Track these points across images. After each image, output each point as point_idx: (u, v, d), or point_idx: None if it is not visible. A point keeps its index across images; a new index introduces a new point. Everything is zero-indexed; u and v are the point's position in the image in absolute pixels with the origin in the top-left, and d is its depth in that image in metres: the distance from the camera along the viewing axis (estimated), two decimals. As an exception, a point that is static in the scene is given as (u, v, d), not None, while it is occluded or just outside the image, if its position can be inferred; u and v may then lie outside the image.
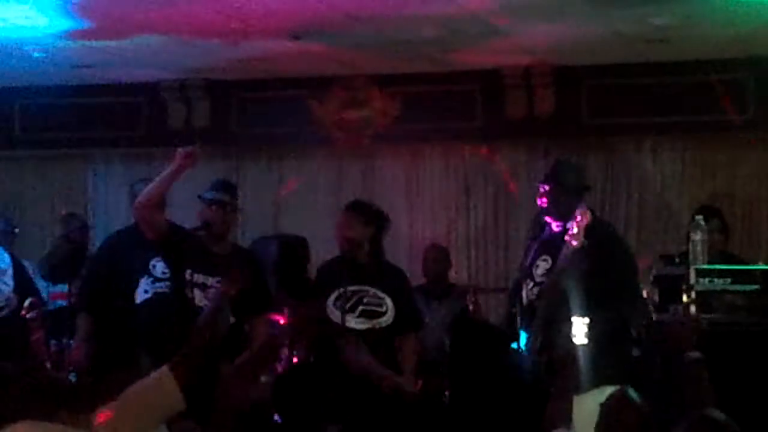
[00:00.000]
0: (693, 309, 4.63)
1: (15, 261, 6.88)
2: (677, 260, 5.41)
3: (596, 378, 4.25)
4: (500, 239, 8.29)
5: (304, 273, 6.66)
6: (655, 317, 4.96)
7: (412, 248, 8.13)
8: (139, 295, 5.84)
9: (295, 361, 6.26)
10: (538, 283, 5.12)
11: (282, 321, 6.74)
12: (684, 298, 4.73)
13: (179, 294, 5.35)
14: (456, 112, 8.42)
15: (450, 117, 8.42)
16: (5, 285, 6.60)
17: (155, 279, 5.81)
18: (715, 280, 4.71)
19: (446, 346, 6.68)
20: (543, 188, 5.19)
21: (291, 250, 7.16)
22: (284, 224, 8.61)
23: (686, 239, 5.72)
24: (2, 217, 7.91)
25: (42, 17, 6.60)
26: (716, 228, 5.86)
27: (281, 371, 6.14)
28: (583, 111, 8.22)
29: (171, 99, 8.89)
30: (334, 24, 6.80)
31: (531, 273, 5.14)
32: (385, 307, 5.50)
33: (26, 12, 6.47)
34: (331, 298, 5.47)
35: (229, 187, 5.66)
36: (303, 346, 6.14)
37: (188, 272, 5.33)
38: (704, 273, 4.76)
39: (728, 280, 4.74)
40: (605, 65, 7.98)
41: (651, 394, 3.58)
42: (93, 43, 7.35)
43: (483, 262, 8.37)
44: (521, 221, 7.77)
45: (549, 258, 5.11)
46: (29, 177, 9.38)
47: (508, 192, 8.35)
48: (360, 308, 5.46)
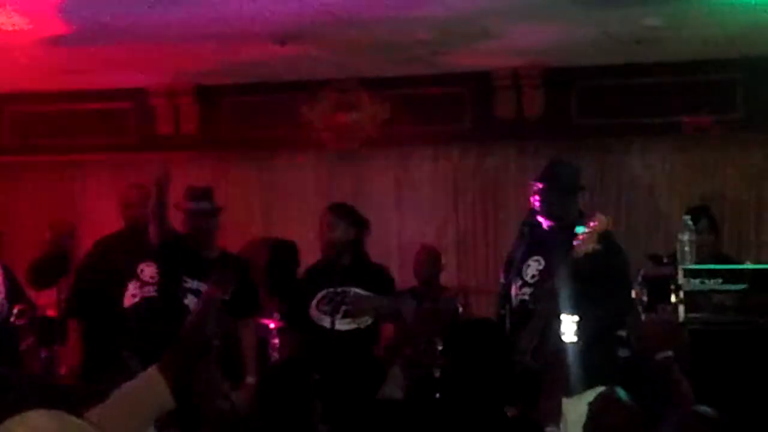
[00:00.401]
0: (681, 309, 4.62)
1: (5, 267, 6.85)
2: (665, 260, 5.41)
3: (588, 378, 4.24)
4: (490, 241, 8.28)
5: (294, 277, 6.65)
6: (644, 317, 4.96)
7: (402, 250, 8.12)
8: (127, 300, 5.83)
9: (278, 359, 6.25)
10: (529, 284, 5.10)
11: (272, 325, 6.73)
12: (672, 299, 4.72)
13: (173, 299, 5.35)
14: (445, 114, 8.42)
15: (439, 119, 8.42)
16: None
17: (143, 283, 5.82)
18: (704, 281, 4.71)
19: (438, 349, 6.66)
20: (536, 187, 5.18)
21: (281, 255, 7.15)
22: (274, 228, 8.59)
23: (676, 240, 5.74)
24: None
25: (28, 23, 6.58)
26: (705, 228, 5.85)
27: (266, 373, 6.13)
28: (573, 112, 8.22)
29: (159, 104, 8.87)
30: (324, 27, 6.79)
31: (521, 273, 5.13)
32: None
33: (12, 18, 6.45)
34: (314, 301, 5.47)
35: (206, 193, 5.67)
36: (288, 349, 6.13)
37: (183, 278, 5.34)
38: (692, 273, 4.75)
39: (717, 280, 4.73)
40: (595, 66, 7.98)
41: (640, 394, 3.57)
42: (80, 49, 7.32)
43: (473, 264, 8.36)
44: (511, 223, 7.76)
45: (541, 258, 5.10)
46: (18, 183, 9.35)
47: (498, 194, 8.35)
48: (343, 308, 5.46)
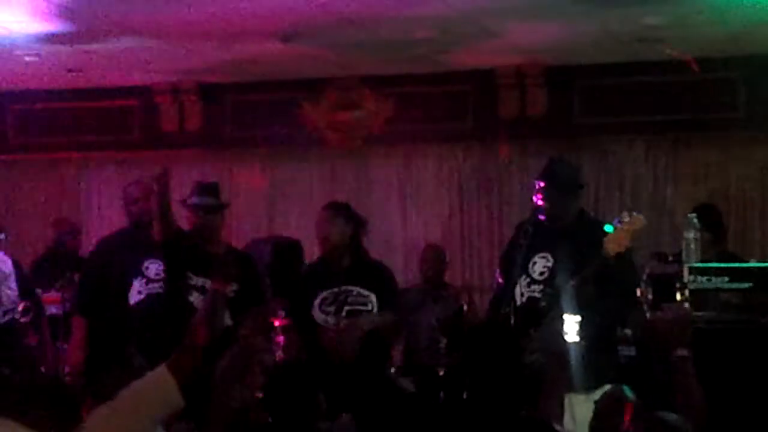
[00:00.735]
0: (687, 307, 4.63)
1: (15, 264, 6.88)
2: (671, 259, 5.41)
3: (590, 378, 4.25)
4: (494, 239, 8.30)
5: (298, 275, 6.66)
6: (649, 316, 4.96)
7: (406, 248, 8.14)
8: (133, 297, 5.84)
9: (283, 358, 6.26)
10: (537, 281, 5.10)
11: (277, 323, 6.74)
12: (678, 297, 4.73)
13: (177, 296, 5.36)
14: (448, 113, 8.43)
15: (442, 117, 8.44)
16: (10, 290, 6.59)
17: (149, 280, 5.82)
18: (709, 279, 4.71)
19: (441, 347, 6.67)
20: (538, 186, 5.19)
21: (284, 253, 7.16)
22: (277, 226, 8.61)
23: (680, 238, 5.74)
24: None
25: (32, 20, 6.59)
26: (710, 227, 5.86)
27: (273, 371, 6.14)
28: (576, 110, 8.24)
29: (163, 102, 8.89)
30: (327, 26, 6.80)
31: (527, 270, 5.13)
32: (371, 305, 5.51)
33: (17, 16, 6.47)
34: (317, 301, 5.48)
35: (212, 189, 5.67)
36: (294, 346, 6.14)
37: (188, 275, 5.35)
38: (698, 271, 4.76)
39: (722, 278, 4.74)
40: (597, 65, 8.00)
41: (647, 393, 3.58)
42: (84, 47, 7.34)
43: (476, 262, 8.37)
44: (514, 221, 7.76)
45: (549, 255, 5.10)
46: (22, 181, 9.37)
47: (501, 192, 8.37)
48: (346, 308, 5.47)
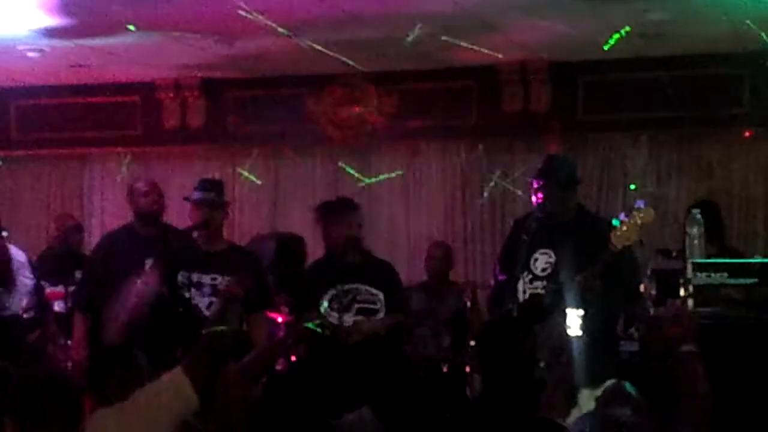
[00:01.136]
0: (690, 303, 4.62)
1: (30, 261, 6.90)
2: (674, 254, 5.41)
3: (593, 372, 4.24)
4: (497, 235, 8.27)
5: (302, 271, 6.65)
6: (653, 312, 4.96)
7: (410, 245, 8.13)
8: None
9: (294, 359, 6.25)
10: (540, 277, 5.10)
11: (280, 319, 6.74)
12: (681, 293, 4.72)
13: (172, 295, 5.38)
14: (452, 109, 8.42)
15: (446, 114, 8.42)
16: (27, 278, 6.62)
17: (151, 277, 5.82)
18: (713, 274, 4.70)
19: (445, 344, 6.68)
20: (537, 183, 5.18)
21: (288, 249, 7.16)
22: (281, 223, 8.61)
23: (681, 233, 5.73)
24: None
25: (35, 16, 6.59)
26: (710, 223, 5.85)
27: (280, 369, 6.14)
28: (579, 106, 8.22)
29: (166, 98, 8.88)
30: (330, 21, 6.79)
31: (529, 266, 5.13)
32: (379, 304, 5.52)
33: (19, 11, 6.46)
34: (325, 299, 5.47)
35: (215, 185, 5.69)
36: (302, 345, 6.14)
37: (181, 273, 5.35)
38: (701, 267, 4.75)
39: (725, 274, 4.72)
40: (601, 61, 7.97)
41: (649, 389, 3.57)
42: (87, 42, 7.33)
43: (480, 259, 8.36)
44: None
45: (551, 251, 5.10)
46: (25, 177, 9.37)
47: (505, 188, 8.35)
48: (356, 306, 5.47)
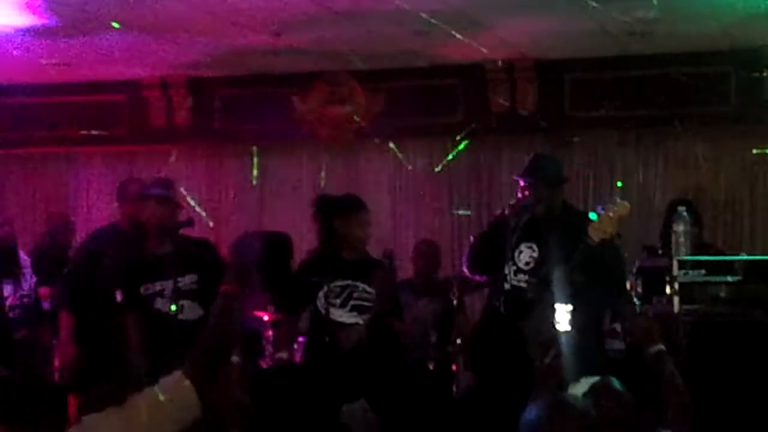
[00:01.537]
0: (676, 300, 4.64)
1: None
2: (660, 252, 5.42)
3: (580, 368, 4.25)
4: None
5: (288, 270, 6.64)
6: (639, 309, 4.97)
7: (396, 243, 8.12)
8: (119, 295, 5.82)
9: (284, 359, 6.25)
10: (524, 271, 5.12)
11: (266, 318, 6.73)
12: (667, 290, 4.74)
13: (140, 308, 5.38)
14: (439, 107, 8.41)
15: (433, 112, 8.42)
16: (31, 276, 6.65)
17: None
18: (698, 271, 4.71)
19: (431, 342, 6.67)
20: (523, 182, 5.20)
21: (275, 247, 7.11)
22: (268, 221, 8.59)
23: (662, 231, 5.75)
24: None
25: (19, 14, 6.56)
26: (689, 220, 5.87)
27: (264, 367, 6.14)
28: (566, 104, 8.23)
29: (152, 96, 8.86)
30: (317, 19, 6.78)
31: (513, 259, 5.14)
32: (374, 302, 5.52)
33: (4, 10, 6.44)
34: (322, 293, 5.47)
35: (164, 184, 5.69)
36: (287, 344, 6.13)
37: (142, 288, 5.34)
38: (687, 264, 4.76)
39: (711, 272, 4.74)
40: (588, 59, 7.99)
41: (636, 386, 3.58)
42: (72, 41, 7.31)
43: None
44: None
45: (534, 245, 5.12)
46: (11, 176, 9.34)
47: (492, 186, 8.36)
48: (351, 303, 5.48)
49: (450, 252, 8.28)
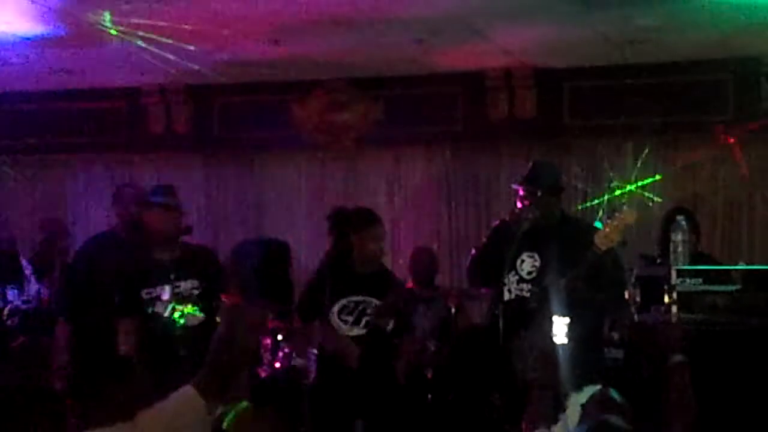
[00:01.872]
0: (675, 309, 4.63)
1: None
2: (659, 260, 5.42)
3: (581, 377, 4.25)
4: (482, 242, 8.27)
5: (287, 277, 6.65)
6: (637, 318, 4.96)
7: (394, 251, 8.12)
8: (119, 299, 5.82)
9: (278, 366, 6.25)
10: (526, 280, 5.12)
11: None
12: (666, 299, 4.73)
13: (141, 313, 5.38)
14: (437, 115, 8.42)
15: (431, 119, 8.42)
16: (34, 282, 6.66)
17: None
18: (697, 281, 4.71)
19: (430, 350, 6.67)
20: (522, 190, 5.20)
21: (273, 255, 7.14)
22: (266, 228, 8.59)
23: (660, 239, 5.74)
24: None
25: (19, 22, 6.56)
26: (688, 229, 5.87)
27: (265, 375, 6.13)
28: (565, 112, 8.23)
29: (151, 104, 8.86)
30: (315, 28, 6.79)
31: (515, 268, 5.14)
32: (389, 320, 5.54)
33: (4, 17, 6.44)
34: (336, 308, 5.46)
35: (167, 190, 5.69)
36: (287, 353, 6.14)
37: (144, 292, 5.35)
38: (686, 273, 4.76)
39: (710, 280, 4.74)
40: (586, 67, 8.00)
41: (635, 396, 3.57)
42: (71, 49, 7.31)
43: (465, 265, 8.32)
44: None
45: (536, 254, 5.11)
46: (9, 183, 9.33)
47: (490, 194, 8.36)
48: (364, 320, 5.47)
49: (448, 259, 8.29)
